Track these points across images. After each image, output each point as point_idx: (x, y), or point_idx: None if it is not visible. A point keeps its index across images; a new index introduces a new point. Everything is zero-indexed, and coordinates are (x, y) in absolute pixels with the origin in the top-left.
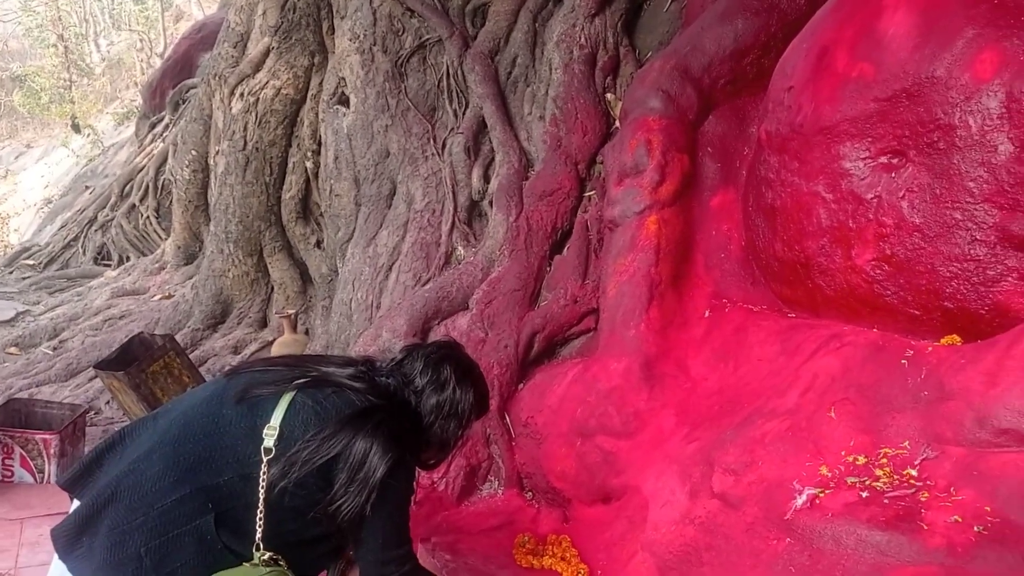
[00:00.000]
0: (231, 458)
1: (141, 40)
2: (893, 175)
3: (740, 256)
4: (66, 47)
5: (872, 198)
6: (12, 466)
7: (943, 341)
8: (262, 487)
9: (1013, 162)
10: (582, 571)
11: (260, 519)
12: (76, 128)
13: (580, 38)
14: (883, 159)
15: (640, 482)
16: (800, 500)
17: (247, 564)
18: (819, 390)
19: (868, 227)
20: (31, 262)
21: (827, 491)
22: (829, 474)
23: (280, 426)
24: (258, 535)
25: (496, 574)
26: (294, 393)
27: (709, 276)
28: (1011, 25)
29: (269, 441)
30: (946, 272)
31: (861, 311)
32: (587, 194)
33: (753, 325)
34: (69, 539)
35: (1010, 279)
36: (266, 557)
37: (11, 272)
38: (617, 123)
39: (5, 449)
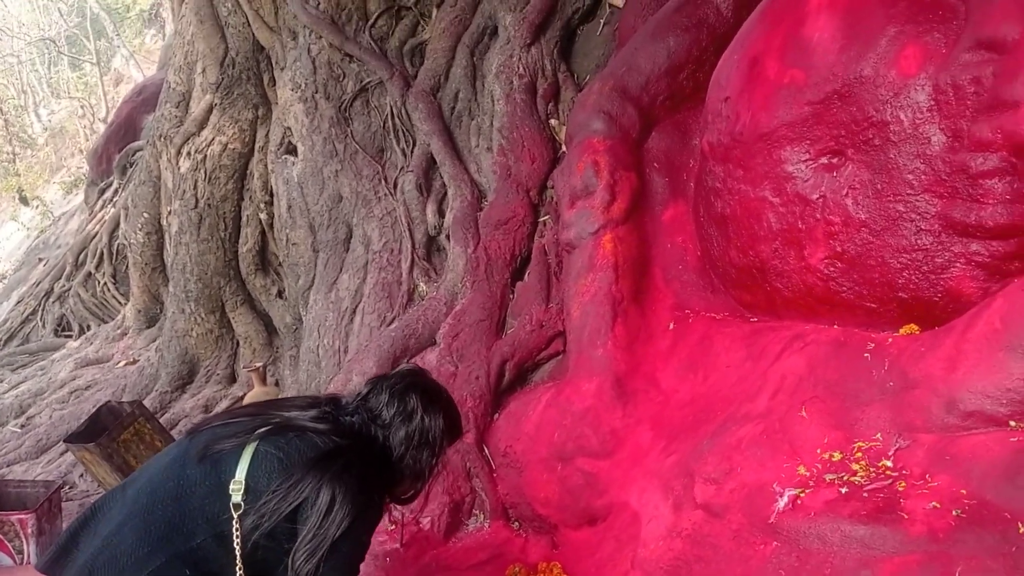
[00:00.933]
0: (201, 519)
1: (82, 107)
2: (835, 174)
3: (697, 266)
4: (6, 120)
5: (817, 198)
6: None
7: (902, 331)
8: (237, 543)
9: (947, 151)
10: None
11: (240, 574)
12: (24, 201)
13: (518, 68)
14: (823, 160)
15: (624, 500)
16: (782, 502)
17: None
18: (788, 391)
19: (817, 227)
20: None
21: (807, 490)
22: (807, 473)
23: (245, 479)
24: None
25: None
26: (256, 443)
27: (669, 289)
28: (930, 20)
29: (237, 496)
30: (896, 264)
31: (820, 309)
32: (542, 219)
33: (717, 333)
34: None
35: (958, 265)
36: None
37: None
38: (564, 148)
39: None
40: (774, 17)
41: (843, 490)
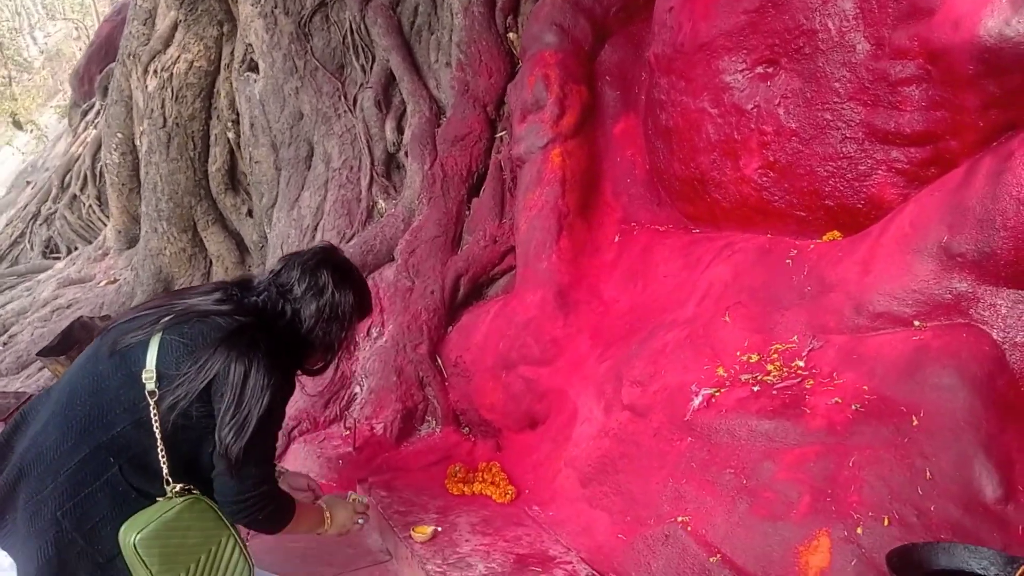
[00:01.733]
0: (119, 409)
1: (77, 28)
2: (769, 84)
3: (645, 179)
4: (0, 43)
5: (752, 108)
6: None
7: (825, 238)
8: (156, 428)
9: (871, 59)
10: (510, 492)
11: (163, 457)
12: (18, 125)
13: None
14: (759, 69)
15: (561, 404)
16: (696, 401)
17: (160, 499)
18: (714, 297)
19: (751, 137)
20: None
21: (722, 390)
22: (725, 374)
23: (156, 368)
24: (164, 471)
25: (428, 504)
26: (161, 333)
27: (617, 202)
28: None
29: (151, 384)
30: (823, 172)
31: (755, 219)
32: (498, 135)
33: (658, 244)
34: None
35: (880, 172)
36: (177, 488)
37: None
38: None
39: None
40: None
41: (755, 388)
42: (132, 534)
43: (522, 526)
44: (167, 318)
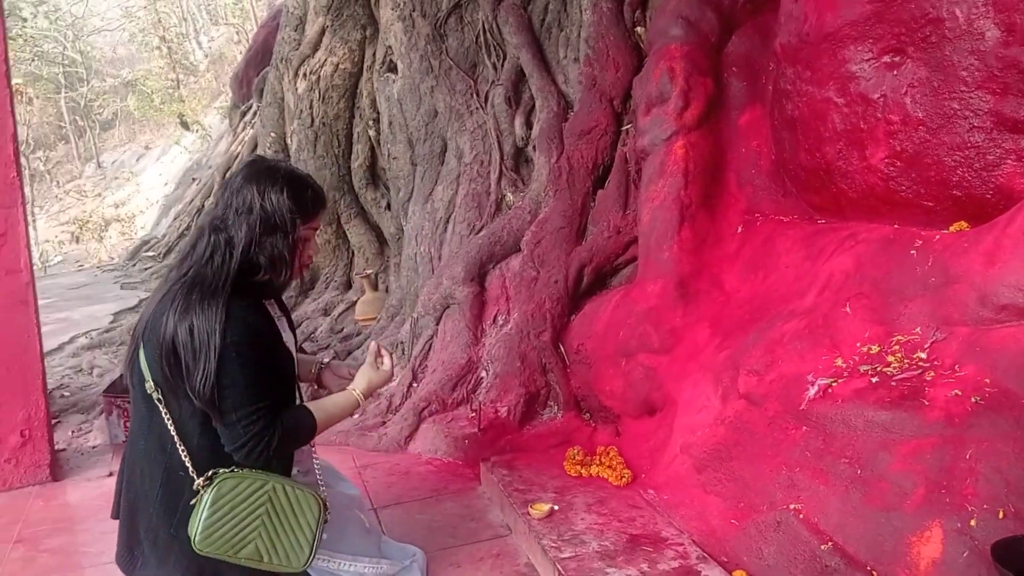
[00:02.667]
0: (156, 427)
1: (237, 32)
2: (895, 73)
3: (770, 169)
4: (169, 48)
5: (878, 98)
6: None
7: (952, 229)
8: (171, 426)
9: (1000, 47)
10: (626, 475)
11: (183, 452)
12: (185, 125)
13: None
14: (885, 58)
15: (678, 392)
16: (812, 391)
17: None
18: (835, 287)
19: (878, 126)
20: (151, 253)
21: (839, 380)
22: (844, 365)
23: (150, 375)
24: (189, 468)
25: (547, 484)
26: (141, 342)
27: (742, 193)
28: None
29: (154, 393)
30: (951, 161)
31: (881, 209)
32: (625, 128)
33: (781, 234)
34: None
35: (1009, 161)
36: (200, 482)
37: (135, 264)
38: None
39: (125, 413)
40: None
41: (874, 380)
42: (195, 541)
43: (636, 508)
44: (140, 334)
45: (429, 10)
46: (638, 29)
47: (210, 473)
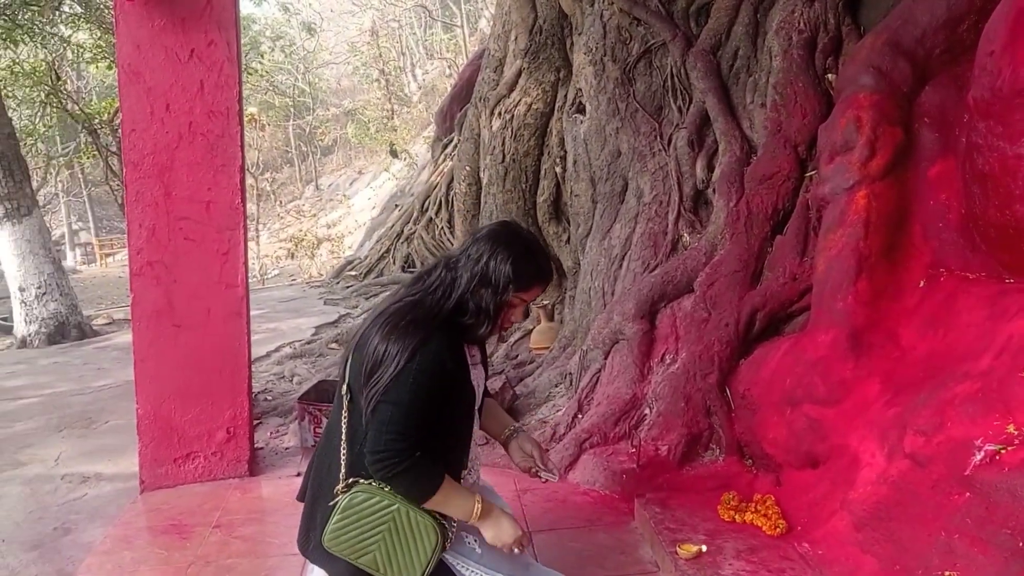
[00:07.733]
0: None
1: (449, 67)
2: None
3: (959, 224)
4: (387, 80)
5: None
6: (320, 433)
7: None
8: (344, 429)
9: None
10: (781, 526)
11: (343, 454)
12: (394, 154)
13: (799, 23)
14: None
15: (844, 446)
16: (979, 456)
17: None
18: (1013, 351)
19: None
20: (353, 273)
21: (1009, 448)
22: (1016, 432)
23: (347, 380)
24: (341, 471)
25: (698, 525)
26: (352, 354)
27: (927, 246)
28: None
29: (345, 397)
30: None
31: None
32: (808, 175)
33: (964, 292)
34: None
35: None
36: (341, 486)
37: (338, 282)
38: None
39: (316, 420)
40: None
41: None
42: (324, 538)
43: (788, 560)
44: (355, 342)
45: (620, 55)
46: (829, 76)
47: (350, 481)
